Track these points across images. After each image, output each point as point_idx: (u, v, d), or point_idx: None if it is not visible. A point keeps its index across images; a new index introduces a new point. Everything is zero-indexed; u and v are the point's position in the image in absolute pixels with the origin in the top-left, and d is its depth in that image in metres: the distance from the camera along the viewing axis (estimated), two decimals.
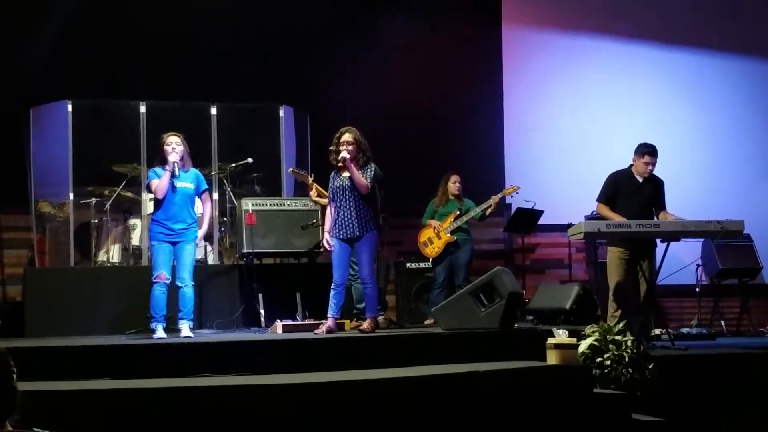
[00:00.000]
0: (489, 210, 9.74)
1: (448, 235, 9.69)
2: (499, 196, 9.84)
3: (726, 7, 12.36)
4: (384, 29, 11.45)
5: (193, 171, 7.98)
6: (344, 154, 7.88)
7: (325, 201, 8.52)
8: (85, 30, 10.52)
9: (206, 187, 8.12)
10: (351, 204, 7.94)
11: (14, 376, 2.98)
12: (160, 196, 7.71)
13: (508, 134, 11.94)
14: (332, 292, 7.90)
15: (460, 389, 6.08)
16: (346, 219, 7.94)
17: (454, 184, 9.87)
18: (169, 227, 7.70)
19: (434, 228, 9.76)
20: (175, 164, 7.73)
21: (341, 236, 7.95)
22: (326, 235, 8.13)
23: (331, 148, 8.04)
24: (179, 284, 7.71)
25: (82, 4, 10.45)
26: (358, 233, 7.92)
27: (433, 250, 9.77)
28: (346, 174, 7.97)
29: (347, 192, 7.96)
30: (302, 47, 11.22)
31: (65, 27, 10.43)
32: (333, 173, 8.10)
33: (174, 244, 7.73)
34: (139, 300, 8.20)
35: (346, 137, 7.98)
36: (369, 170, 8.01)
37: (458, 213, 9.73)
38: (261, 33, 11.13)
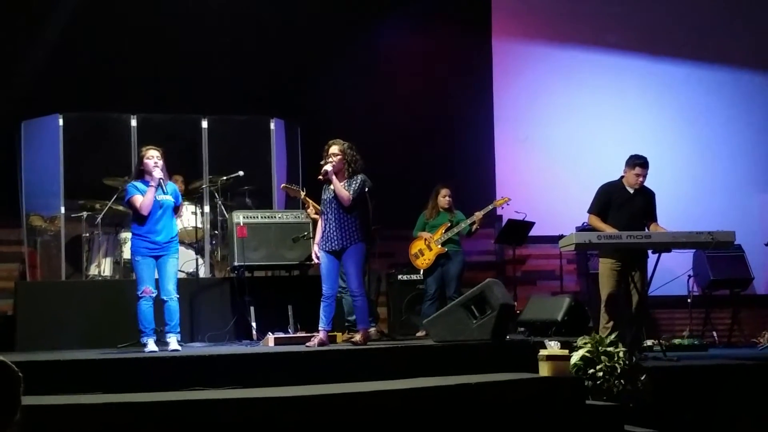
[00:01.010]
0: (474, 226, 9.72)
1: (439, 246, 9.69)
2: (483, 211, 9.74)
3: (715, 19, 12.41)
4: (375, 43, 11.50)
5: (171, 184, 8.01)
6: (327, 167, 7.88)
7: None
8: (76, 43, 10.51)
9: (181, 201, 8.16)
10: (334, 216, 7.94)
11: (21, 388, 3.02)
12: (146, 212, 7.68)
13: (499, 146, 11.97)
14: (322, 305, 7.89)
15: (452, 401, 6.07)
16: (330, 231, 7.94)
17: (444, 198, 9.86)
18: (152, 240, 7.70)
19: (425, 240, 9.76)
20: (161, 180, 7.72)
21: (326, 248, 7.95)
22: (315, 248, 8.15)
23: (321, 162, 8.04)
24: (164, 298, 7.69)
25: (73, 18, 10.45)
26: (341, 246, 7.90)
27: (424, 261, 9.77)
28: (331, 186, 7.97)
29: (332, 204, 7.96)
30: (294, 60, 11.24)
31: (57, 40, 10.44)
32: (324, 186, 8.10)
33: (157, 258, 7.71)
34: (131, 313, 8.16)
35: (333, 149, 7.99)
36: (354, 182, 7.98)
37: (449, 225, 9.73)
38: (252, 46, 11.14)
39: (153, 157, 7.76)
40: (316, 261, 8.13)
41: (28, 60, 10.38)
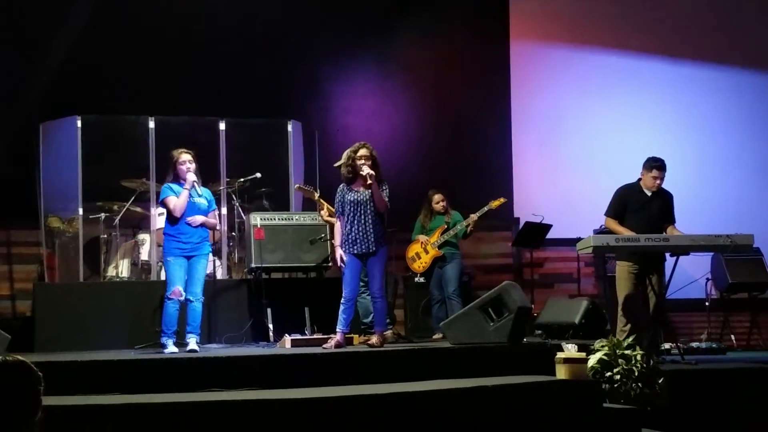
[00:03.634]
0: (469, 228, 9.64)
1: (436, 249, 9.64)
2: (478, 214, 9.62)
3: (734, 22, 12.35)
4: (392, 46, 11.52)
5: (206, 189, 8.09)
6: (370, 170, 7.80)
7: (335, 220, 8.38)
8: (93, 46, 10.56)
9: (215, 207, 8.26)
10: (368, 219, 7.88)
11: (41, 388, 3.05)
12: (178, 214, 7.78)
13: (517, 149, 11.95)
14: (342, 307, 7.88)
15: (469, 404, 6.07)
16: (361, 234, 7.88)
17: (438, 204, 9.80)
18: (184, 241, 7.77)
19: (422, 243, 9.72)
20: (195, 183, 7.80)
21: (355, 251, 7.90)
22: (339, 251, 8.02)
23: (343, 162, 8.00)
24: (190, 298, 7.75)
25: (91, 21, 10.50)
26: (374, 248, 7.89)
27: (420, 264, 9.73)
28: (361, 188, 7.93)
29: (365, 207, 7.89)
30: (311, 63, 11.28)
31: (75, 43, 10.49)
32: (343, 186, 8.03)
33: (188, 258, 7.77)
34: (149, 315, 8.24)
35: (363, 152, 7.91)
36: (385, 188, 7.99)
37: (446, 227, 9.68)
38: (270, 48, 11.18)
39: (185, 162, 7.86)
40: (341, 264, 8.05)
41: (46, 63, 10.43)
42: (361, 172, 7.83)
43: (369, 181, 7.79)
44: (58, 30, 10.53)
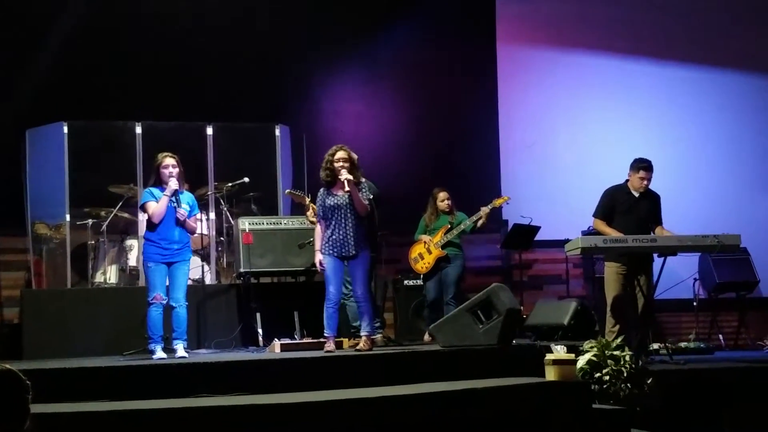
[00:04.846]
0: (480, 221, 9.53)
1: (439, 249, 9.61)
2: (489, 207, 9.56)
3: (721, 22, 12.39)
4: (380, 49, 11.52)
5: (189, 194, 8.02)
6: (348, 175, 7.80)
7: None
8: (80, 51, 10.53)
9: (197, 212, 8.16)
10: (349, 223, 7.88)
11: (29, 397, 3.04)
12: (156, 220, 7.72)
13: (504, 151, 11.97)
14: (330, 311, 7.88)
15: (459, 406, 6.07)
16: (341, 237, 7.88)
17: (443, 202, 9.71)
18: (164, 247, 7.71)
19: (425, 243, 9.63)
20: (176, 191, 7.75)
21: (336, 254, 7.89)
22: (319, 255, 8.01)
23: (324, 165, 7.99)
24: (173, 304, 7.70)
25: (77, 26, 10.47)
26: (354, 252, 7.89)
27: (424, 265, 9.63)
28: (341, 192, 7.91)
29: (344, 211, 7.89)
30: (298, 66, 11.27)
31: (61, 49, 10.46)
32: (323, 191, 8.03)
33: (169, 264, 7.73)
34: (137, 321, 8.19)
35: (341, 154, 7.91)
36: (365, 190, 7.99)
37: (449, 227, 9.64)
38: (257, 53, 11.16)
39: (168, 166, 7.79)
40: (320, 269, 8.04)
41: (32, 68, 10.40)
42: (339, 177, 7.83)
43: (347, 188, 7.79)
44: (43, 36, 10.49)
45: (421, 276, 9.76)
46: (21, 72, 10.41)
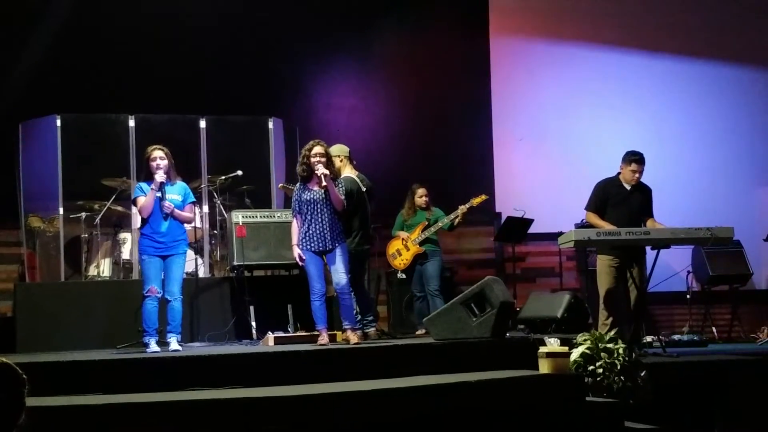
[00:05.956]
0: (457, 220, 9.60)
1: (417, 246, 9.62)
2: (467, 206, 9.57)
3: (714, 14, 12.41)
4: (373, 42, 11.51)
5: (181, 184, 7.96)
6: (324, 170, 7.80)
7: None
8: (73, 44, 10.52)
9: (193, 199, 8.10)
10: (325, 218, 7.87)
11: (25, 391, 3.04)
12: (145, 215, 7.70)
13: (497, 144, 11.97)
14: (316, 304, 7.88)
15: (452, 399, 6.08)
16: (318, 232, 7.86)
17: (420, 198, 9.77)
18: (159, 240, 7.69)
19: (403, 239, 9.69)
20: (162, 184, 7.70)
21: (312, 249, 7.90)
22: (296, 250, 7.99)
23: (301, 160, 7.97)
24: (168, 298, 7.69)
25: (70, 19, 10.45)
26: (330, 246, 7.89)
27: (401, 261, 9.69)
28: (317, 187, 7.88)
29: (321, 205, 7.87)
30: (292, 60, 11.27)
31: (53, 42, 10.44)
32: (299, 185, 8.01)
33: (164, 258, 7.72)
34: (130, 314, 8.19)
35: (318, 149, 7.87)
36: (341, 185, 8.00)
37: (427, 224, 9.67)
38: (250, 46, 11.16)
39: (156, 159, 7.74)
40: (299, 262, 8.02)
41: (26, 61, 10.38)
42: (315, 172, 7.83)
43: (324, 182, 7.79)
44: (35, 29, 10.47)
45: (399, 271, 9.86)
46: (14, 65, 10.38)
